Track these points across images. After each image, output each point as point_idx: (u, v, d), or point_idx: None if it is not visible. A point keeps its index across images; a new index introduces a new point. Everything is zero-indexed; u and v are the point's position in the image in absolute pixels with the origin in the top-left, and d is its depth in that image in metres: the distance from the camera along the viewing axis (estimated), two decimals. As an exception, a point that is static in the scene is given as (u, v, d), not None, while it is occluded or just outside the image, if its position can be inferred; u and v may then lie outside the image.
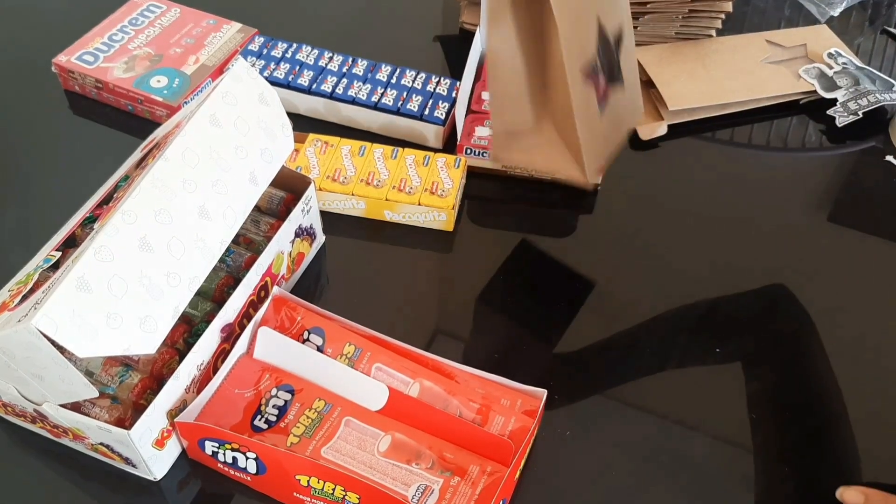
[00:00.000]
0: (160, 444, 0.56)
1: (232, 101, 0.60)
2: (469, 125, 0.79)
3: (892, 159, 0.82)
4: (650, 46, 0.90)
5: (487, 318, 0.69)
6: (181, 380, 0.57)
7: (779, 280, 0.72)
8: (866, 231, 0.76)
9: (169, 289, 0.53)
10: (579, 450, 0.61)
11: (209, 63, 0.85)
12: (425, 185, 0.73)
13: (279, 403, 0.59)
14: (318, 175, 0.74)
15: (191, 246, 0.55)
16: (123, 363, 0.59)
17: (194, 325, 0.62)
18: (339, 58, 0.85)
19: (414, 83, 0.82)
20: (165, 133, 0.63)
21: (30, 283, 0.56)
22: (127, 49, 0.86)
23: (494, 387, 0.61)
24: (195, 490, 0.59)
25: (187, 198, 0.55)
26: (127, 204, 0.52)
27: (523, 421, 0.59)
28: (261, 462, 0.55)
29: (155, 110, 0.82)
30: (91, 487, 0.59)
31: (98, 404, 0.57)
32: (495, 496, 0.53)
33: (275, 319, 0.63)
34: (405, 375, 0.61)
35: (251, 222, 0.69)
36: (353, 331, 0.64)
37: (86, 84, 0.85)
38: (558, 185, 0.78)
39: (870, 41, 0.96)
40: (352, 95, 0.81)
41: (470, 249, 0.74)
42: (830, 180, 0.82)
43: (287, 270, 0.68)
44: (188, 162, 0.56)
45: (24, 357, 0.50)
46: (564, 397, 0.63)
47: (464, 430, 0.58)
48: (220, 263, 0.65)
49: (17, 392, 0.54)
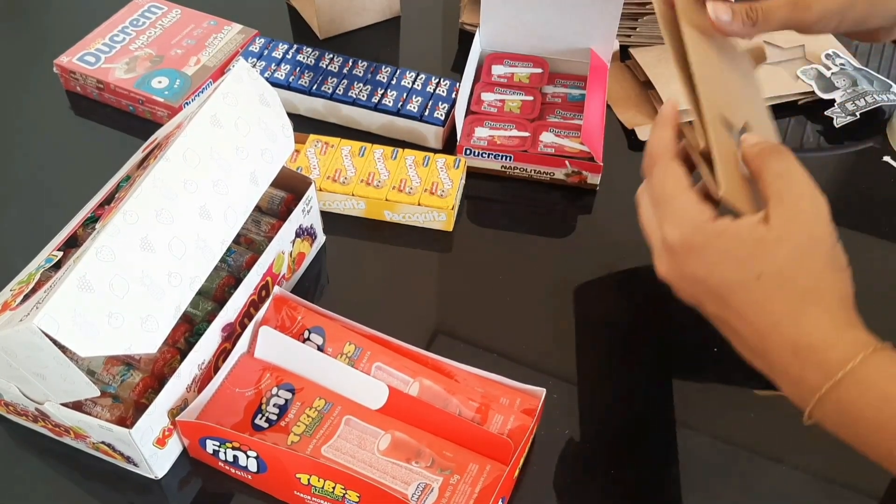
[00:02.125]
0: (161, 442, 0.57)
1: (233, 102, 0.60)
2: (469, 126, 0.79)
3: (889, 160, 0.82)
4: (650, 47, 0.90)
5: (487, 317, 0.69)
6: (182, 379, 0.57)
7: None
8: (864, 231, 0.76)
9: (170, 288, 0.53)
10: (578, 449, 0.61)
11: (210, 64, 0.86)
12: (425, 185, 0.74)
13: (280, 402, 0.59)
14: (319, 175, 0.75)
15: (192, 246, 0.55)
16: (125, 362, 0.59)
17: (195, 324, 0.62)
18: (339, 59, 0.85)
19: (414, 84, 0.83)
20: (167, 134, 0.63)
21: (31, 282, 0.56)
22: (128, 50, 0.87)
23: (494, 386, 0.61)
24: (196, 489, 0.59)
25: (188, 198, 0.55)
26: (128, 204, 0.52)
27: (522, 420, 0.59)
28: (261, 461, 0.55)
29: (156, 111, 0.83)
30: (92, 486, 0.59)
31: (99, 403, 0.57)
32: (494, 494, 0.53)
33: (275, 319, 0.64)
34: (405, 374, 0.61)
35: (252, 222, 0.69)
36: (353, 330, 0.64)
37: (87, 85, 0.85)
38: (558, 185, 0.78)
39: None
40: (352, 96, 0.81)
41: (469, 249, 0.74)
42: (828, 181, 0.82)
43: (288, 270, 0.68)
44: (189, 162, 0.56)
45: (25, 356, 0.50)
46: (564, 396, 0.63)
47: (463, 429, 0.58)
48: (221, 263, 0.65)
49: (18, 391, 0.55)
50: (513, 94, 0.82)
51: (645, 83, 0.88)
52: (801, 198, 0.48)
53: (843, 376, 0.45)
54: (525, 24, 0.83)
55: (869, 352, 0.45)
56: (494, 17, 0.83)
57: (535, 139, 0.78)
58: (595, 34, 0.82)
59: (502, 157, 0.78)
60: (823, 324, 0.46)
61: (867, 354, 0.45)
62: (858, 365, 0.45)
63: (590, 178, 0.77)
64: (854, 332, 0.46)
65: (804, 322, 0.47)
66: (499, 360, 0.66)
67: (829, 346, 0.46)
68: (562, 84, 0.85)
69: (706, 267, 0.49)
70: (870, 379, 0.45)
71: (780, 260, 0.47)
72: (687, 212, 0.50)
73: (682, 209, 0.50)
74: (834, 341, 0.46)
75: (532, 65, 0.85)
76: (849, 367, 0.44)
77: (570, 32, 0.83)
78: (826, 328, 0.46)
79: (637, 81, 0.89)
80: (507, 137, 0.78)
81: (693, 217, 0.49)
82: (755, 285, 0.48)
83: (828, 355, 0.46)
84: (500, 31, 0.85)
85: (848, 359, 0.45)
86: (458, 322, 0.69)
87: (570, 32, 0.83)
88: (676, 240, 0.50)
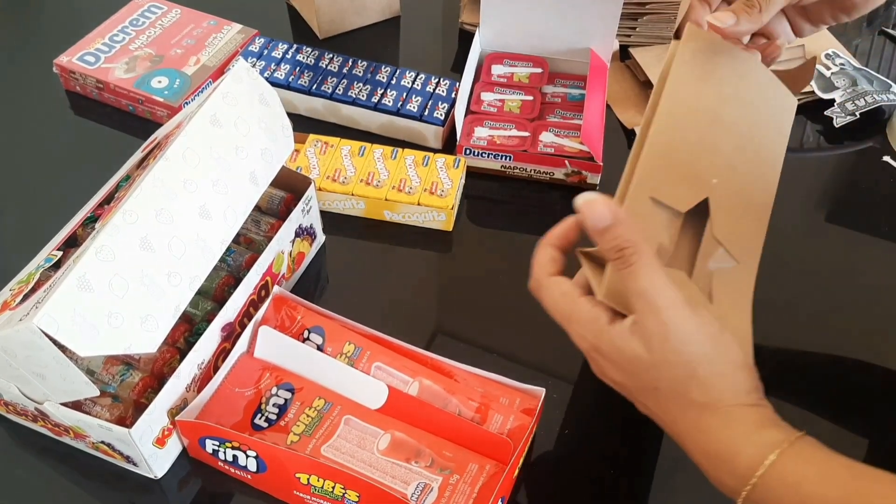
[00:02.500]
0: (161, 442, 0.57)
1: (232, 102, 0.60)
2: (468, 125, 0.79)
3: (889, 160, 0.82)
4: (650, 46, 0.90)
5: (487, 317, 0.69)
6: (182, 378, 0.57)
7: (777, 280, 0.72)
8: (864, 231, 0.76)
9: (170, 288, 0.53)
10: (578, 448, 0.61)
11: (210, 64, 0.86)
12: (425, 185, 0.74)
13: (279, 402, 0.59)
14: (318, 175, 0.75)
15: (191, 245, 0.55)
16: (124, 362, 0.59)
17: (195, 324, 0.62)
18: (339, 59, 0.85)
19: (414, 84, 0.83)
20: (166, 133, 0.63)
21: (31, 282, 0.56)
22: (128, 50, 0.87)
23: (493, 385, 0.61)
24: (196, 488, 0.59)
25: (188, 198, 0.55)
26: (128, 204, 0.52)
27: (522, 419, 0.59)
28: (261, 460, 0.55)
29: (156, 111, 0.83)
30: (92, 486, 0.59)
31: (99, 403, 0.57)
32: (494, 494, 0.53)
33: (275, 319, 0.64)
34: (405, 374, 0.61)
35: (252, 222, 0.69)
36: (352, 330, 0.64)
37: (87, 84, 0.85)
38: (558, 184, 0.78)
39: (867, 42, 0.96)
40: (352, 96, 0.81)
41: (469, 249, 0.74)
42: (828, 181, 0.82)
43: (287, 270, 0.68)
44: (189, 162, 0.56)
45: (25, 356, 0.50)
46: (563, 396, 0.63)
47: (463, 429, 0.58)
48: (220, 263, 0.65)
49: (18, 391, 0.55)
50: (512, 93, 0.82)
51: (645, 83, 0.88)
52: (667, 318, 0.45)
53: (756, 481, 0.44)
54: (525, 24, 0.83)
55: (777, 454, 0.44)
56: (494, 17, 0.83)
57: (535, 139, 0.78)
58: (595, 34, 0.82)
59: (502, 157, 0.78)
60: (726, 432, 0.46)
61: (775, 459, 0.44)
62: (769, 470, 0.44)
63: (589, 178, 0.77)
64: (760, 434, 0.45)
65: (708, 432, 0.46)
66: (498, 360, 0.66)
67: (736, 454, 0.45)
68: (561, 84, 0.85)
69: (619, 373, 0.49)
70: (782, 482, 0.44)
71: (666, 379, 0.46)
72: (586, 323, 0.48)
73: (581, 321, 0.49)
74: (740, 448, 0.45)
75: (532, 64, 0.85)
76: (760, 472, 0.44)
77: (570, 32, 0.83)
78: (730, 436, 0.45)
79: (637, 81, 0.89)
80: (507, 137, 0.78)
81: (591, 327, 0.48)
82: (656, 395, 0.48)
83: (736, 462, 0.45)
84: (500, 31, 0.85)
85: (756, 464, 0.44)
86: (458, 322, 0.69)
87: (569, 32, 0.83)
88: (589, 348, 0.49)
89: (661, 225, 0.51)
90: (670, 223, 0.52)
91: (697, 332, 0.46)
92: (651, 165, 0.51)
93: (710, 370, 0.46)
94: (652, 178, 0.51)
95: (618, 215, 0.46)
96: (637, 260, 0.46)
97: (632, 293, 0.46)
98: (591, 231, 0.47)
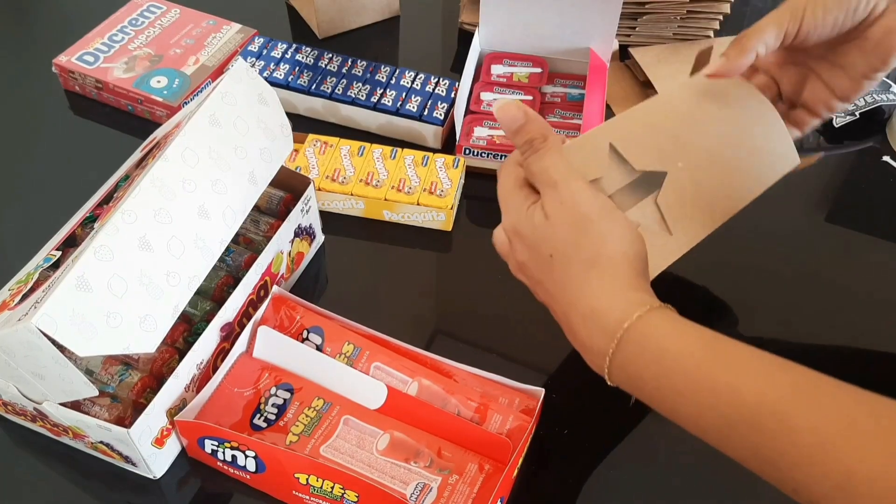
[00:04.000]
0: (160, 442, 0.57)
1: (231, 102, 0.60)
2: (468, 125, 0.79)
3: (889, 160, 0.82)
4: (649, 47, 0.90)
5: (486, 317, 0.69)
6: (181, 378, 0.57)
7: (777, 280, 0.72)
8: (864, 231, 0.76)
9: (169, 288, 0.53)
10: (577, 448, 0.61)
11: (209, 63, 0.86)
12: (424, 185, 0.74)
13: (278, 402, 0.59)
14: (318, 175, 0.74)
15: (190, 245, 0.55)
16: (123, 362, 0.59)
17: (194, 324, 0.62)
18: (338, 58, 0.85)
19: (413, 84, 0.83)
20: (165, 133, 0.63)
21: (30, 282, 0.56)
22: (127, 49, 0.87)
23: (493, 385, 0.61)
24: (195, 488, 0.59)
25: (187, 197, 0.55)
26: (127, 203, 0.52)
27: (521, 419, 0.59)
28: (260, 460, 0.55)
29: (155, 110, 0.83)
30: (91, 486, 0.59)
31: (98, 403, 0.57)
32: (493, 494, 0.53)
33: (274, 318, 0.64)
34: (404, 374, 0.61)
35: (251, 222, 0.69)
36: (351, 330, 0.64)
37: (86, 84, 0.85)
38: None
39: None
40: (351, 96, 0.81)
41: (468, 249, 0.74)
42: (828, 181, 0.82)
43: (286, 270, 0.68)
44: (188, 162, 0.56)
45: (24, 356, 0.50)
46: (562, 396, 0.63)
47: (462, 429, 0.58)
48: (219, 263, 0.65)
49: (17, 391, 0.55)
50: (512, 93, 0.82)
51: (644, 83, 0.88)
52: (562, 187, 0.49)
53: (621, 335, 0.45)
54: (524, 24, 0.83)
55: (644, 310, 0.45)
56: (494, 17, 0.83)
57: (535, 139, 0.78)
58: (594, 34, 0.82)
59: (502, 157, 0.77)
60: (605, 288, 0.47)
61: (643, 313, 0.45)
62: (634, 323, 0.45)
63: (589, 178, 0.77)
64: (633, 294, 0.47)
65: (589, 289, 0.48)
66: (498, 360, 0.66)
67: (609, 309, 0.47)
68: (561, 84, 0.85)
69: (525, 250, 0.52)
70: (645, 337, 0.45)
71: (560, 241, 0.49)
72: (513, 208, 0.52)
73: (513, 201, 0.52)
74: (613, 304, 0.47)
75: (531, 64, 0.85)
76: (626, 325, 0.45)
77: (570, 32, 0.83)
78: (607, 292, 0.47)
79: (636, 81, 0.89)
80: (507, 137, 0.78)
81: (517, 206, 0.52)
82: (550, 264, 0.50)
83: (608, 318, 0.46)
84: (500, 31, 0.85)
85: (625, 319, 0.46)
86: (457, 322, 0.69)
87: (569, 32, 0.83)
88: (511, 231, 0.53)
89: (602, 165, 0.54)
90: (616, 171, 0.55)
91: (592, 198, 0.49)
92: (627, 119, 0.55)
93: (600, 227, 0.48)
94: (621, 129, 0.55)
95: (529, 114, 0.52)
96: (542, 146, 0.51)
97: (534, 174, 0.51)
98: (508, 133, 0.52)
